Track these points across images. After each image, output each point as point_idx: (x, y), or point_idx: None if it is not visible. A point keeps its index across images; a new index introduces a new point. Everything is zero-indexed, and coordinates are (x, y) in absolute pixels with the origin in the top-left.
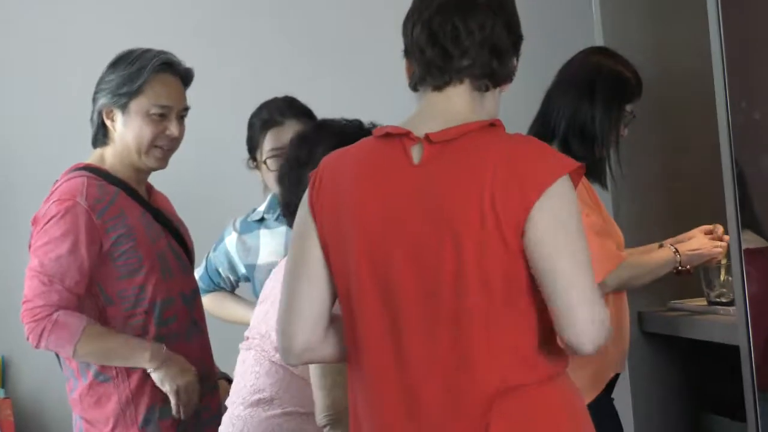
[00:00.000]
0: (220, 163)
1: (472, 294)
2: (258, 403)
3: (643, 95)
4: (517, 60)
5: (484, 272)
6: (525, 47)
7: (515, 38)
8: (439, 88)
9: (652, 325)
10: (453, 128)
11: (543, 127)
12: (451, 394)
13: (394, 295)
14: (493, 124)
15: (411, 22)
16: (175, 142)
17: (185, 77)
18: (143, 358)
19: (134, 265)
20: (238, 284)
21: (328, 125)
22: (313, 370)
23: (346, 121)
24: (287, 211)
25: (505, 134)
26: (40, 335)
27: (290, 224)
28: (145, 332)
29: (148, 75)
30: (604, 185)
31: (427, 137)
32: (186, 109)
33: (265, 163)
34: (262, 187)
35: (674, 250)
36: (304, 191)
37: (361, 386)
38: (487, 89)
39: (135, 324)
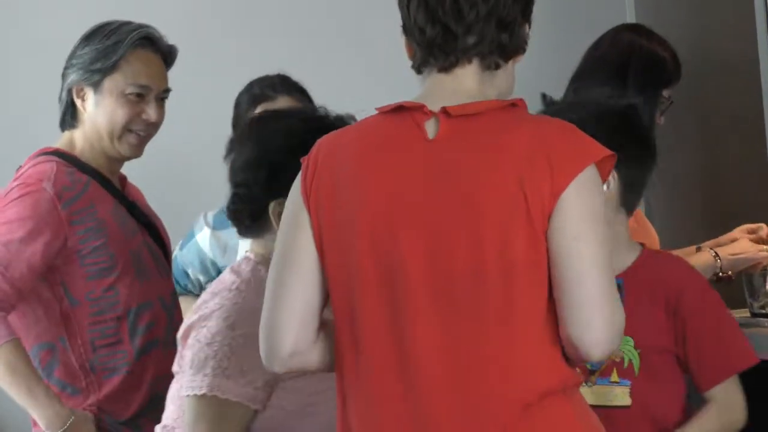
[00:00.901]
0: (195, 153)
1: (493, 286)
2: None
3: (681, 80)
4: (530, 26)
5: (507, 261)
6: (549, 25)
7: (524, 2)
8: (445, 69)
9: None
10: (473, 103)
11: None
12: (467, 408)
13: (400, 286)
14: (515, 104)
15: None
16: (152, 128)
17: (168, 56)
18: (40, 417)
19: (105, 264)
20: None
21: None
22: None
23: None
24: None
25: (529, 115)
26: None
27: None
28: (117, 341)
29: (125, 50)
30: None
31: (444, 110)
32: (167, 91)
33: None
34: None
35: (714, 253)
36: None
37: (356, 399)
38: (497, 67)
39: (105, 330)
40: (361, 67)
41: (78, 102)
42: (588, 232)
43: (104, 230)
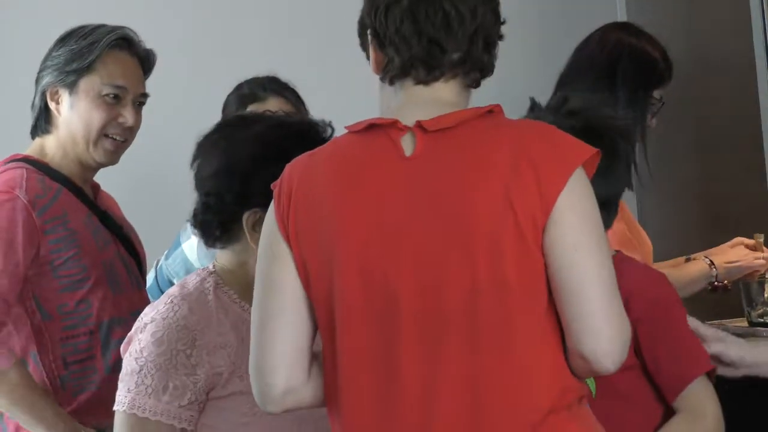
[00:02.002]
0: (175, 157)
1: (487, 308)
2: None
3: (673, 80)
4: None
5: (500, 281)
6: (537, 24)
7: (500, 23)
8: (425, 82)
9: None
10: (448, 115)
11: None
12: None
13: (392, 318)
14: (492, 111)
15: (384, 4)
16: (128, 133)
17: (145, 60)
18: None
19: (77, 276)
20: None
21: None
22: None
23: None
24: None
25: (508, 120)
26: None
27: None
28: (89, 356)
29: (101, 50)
30: (628, 186)
31: (419, 125)
32: (144, 95)
33: None
34: None
35: (709, 262)
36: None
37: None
38: (477, 85)
39: (78, 345)
40: (358, 66)
41: (52, 105)
42: (587, 240)
43: (76, 240)
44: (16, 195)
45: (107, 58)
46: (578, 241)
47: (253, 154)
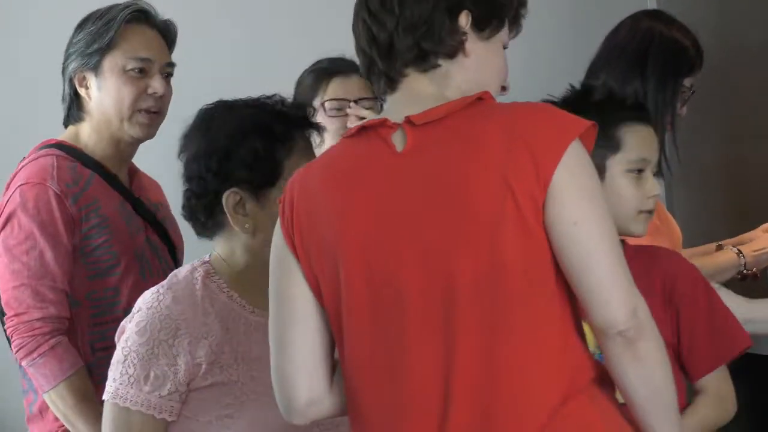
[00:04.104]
0: None
1: (495, 295)
2: None
3: (703, 69)
4: (471, 14)
5: (506, 265)
6: (568, 11)
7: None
8: (391, 89)
9: None
10: (437, 108)
11: None
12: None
13: (399, 315)
14: (481, 98)
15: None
16: (161, 102)
17: (165, 30)
18: None
19: (108, 263)
20: None
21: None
22: None
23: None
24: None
25: (499, 105)
26: (31, 353)
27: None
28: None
29: (118, 26)
30: (658, 173)
31: (408, 120)
32: (170, 65)
33: (323, 106)
34: None
35: (737, 251)
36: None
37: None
38: (435, 66)
39: (105, 333)
40: None
41: (82, 91)
42: (586, 213)
43: (108, 227)
44: (47, 185)
45: (126, 32)
46: (577, 216)
47: (230, 131)
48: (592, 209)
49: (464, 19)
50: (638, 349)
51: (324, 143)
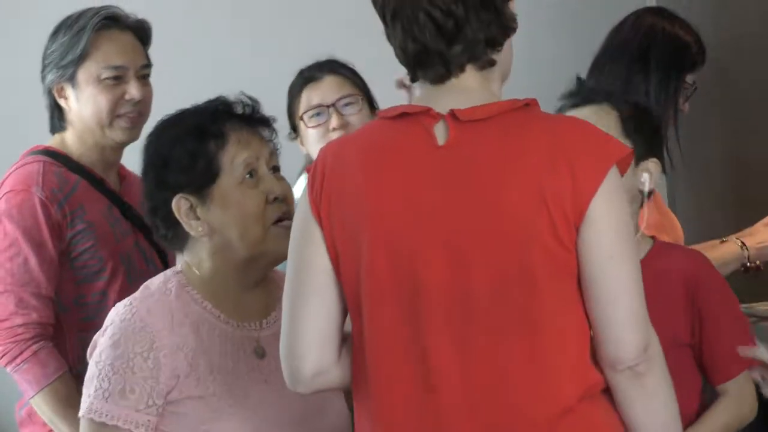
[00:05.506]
0: None
1: (515, 298)
2: None
3: (706, 65)
4: None
5: (530, 272)
6: (568, 9)
7: None
8: (439, 81)
9: None
10: (484, 106)
11: None
12: (491, 427)
13: (420, 301)
14: (528, 104)
15: (378, 4)
16: (141, 106)
17: (139, 31)
18: None
19: (94, 268)
20: None
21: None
22: None
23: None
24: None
25: (544, 114)
26: (15, 359)
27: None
28: None
29: (89, 35)
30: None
31: (452, 114)
32: (146, 66)
33: (302, 119)
34: (302, 164)
35: (740, 243)
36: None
37: (371, 419)
38: (492, 63)
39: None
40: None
41: (62, 102)
42: (622, 249)
43: (94, 232)
44: (32, 192)
45: (98, 41)
46: (613, 249)
47: (165, 140)
48: (628, 245)
49: (513, 5)
50: (647, 383)
51: (311, 147)
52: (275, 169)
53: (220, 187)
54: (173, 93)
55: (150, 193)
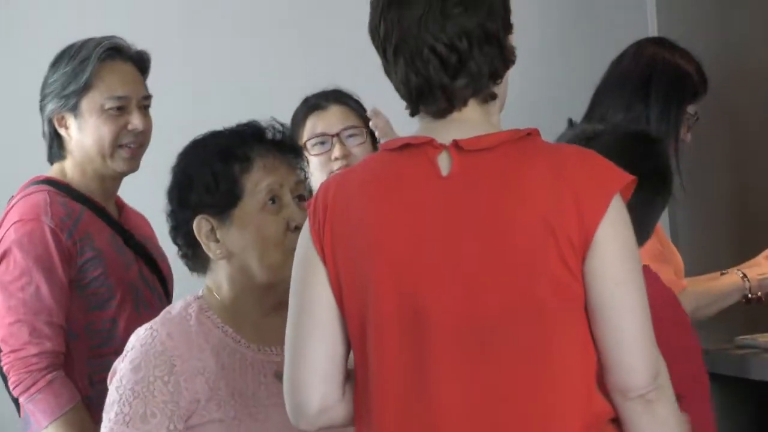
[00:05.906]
0: None
1: (523, 331)
2: None
3: (708, 93)
4: (511, 31)
5: (538, 303)
6: (571, 39)
7: (503, 11)
8: (440, 115)
9: (718, 365)
10: (487, 136)
11: None
12: None
13: (425, 333)
14: (530, 134)
15: (378, 34)
16: (142, 137)
17: (140, 62)
18: None
19: (104, 295)
20: None
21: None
22: None
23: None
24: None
25: (546, 144)
26: (28, 389)
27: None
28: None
29: (93, 66)
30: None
31: (456, 144)
32: (147, 97)
33: (305, 146)
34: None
35: (742, 275)
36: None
37: None
38: (493, 97)
39: (104, 364)
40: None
41: (62, 131)
42: (629, 275)
43: (103, 260)
44: (42, 221)
45: (101, 71)
46: (620, 276)
47: (192, 160)
48: (634, 271)
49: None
50: (657, 411)
51: (312, 176)
52: (301, 198)
53: (241, 211)
54: (174, 99)
55: (173, 211)
